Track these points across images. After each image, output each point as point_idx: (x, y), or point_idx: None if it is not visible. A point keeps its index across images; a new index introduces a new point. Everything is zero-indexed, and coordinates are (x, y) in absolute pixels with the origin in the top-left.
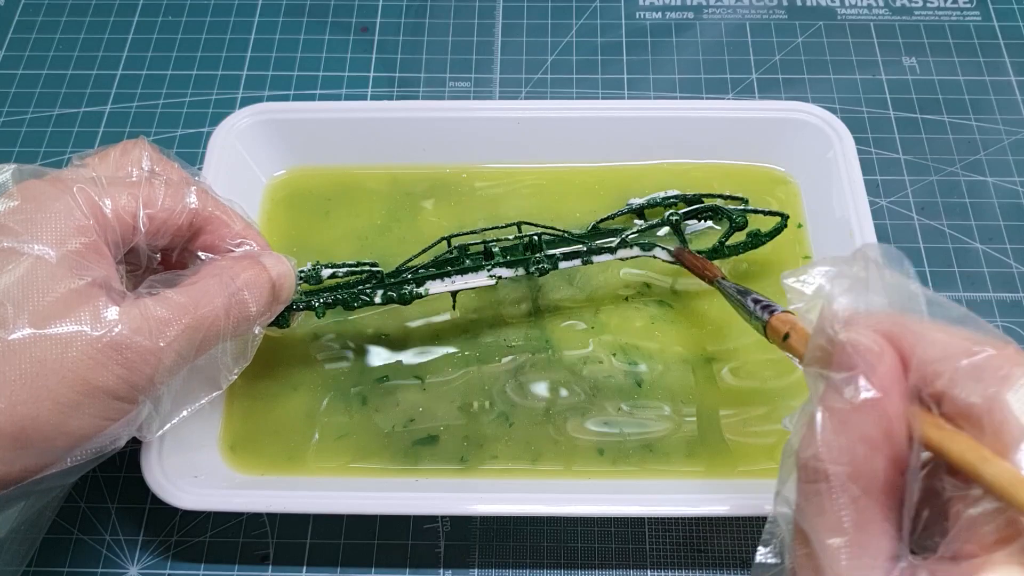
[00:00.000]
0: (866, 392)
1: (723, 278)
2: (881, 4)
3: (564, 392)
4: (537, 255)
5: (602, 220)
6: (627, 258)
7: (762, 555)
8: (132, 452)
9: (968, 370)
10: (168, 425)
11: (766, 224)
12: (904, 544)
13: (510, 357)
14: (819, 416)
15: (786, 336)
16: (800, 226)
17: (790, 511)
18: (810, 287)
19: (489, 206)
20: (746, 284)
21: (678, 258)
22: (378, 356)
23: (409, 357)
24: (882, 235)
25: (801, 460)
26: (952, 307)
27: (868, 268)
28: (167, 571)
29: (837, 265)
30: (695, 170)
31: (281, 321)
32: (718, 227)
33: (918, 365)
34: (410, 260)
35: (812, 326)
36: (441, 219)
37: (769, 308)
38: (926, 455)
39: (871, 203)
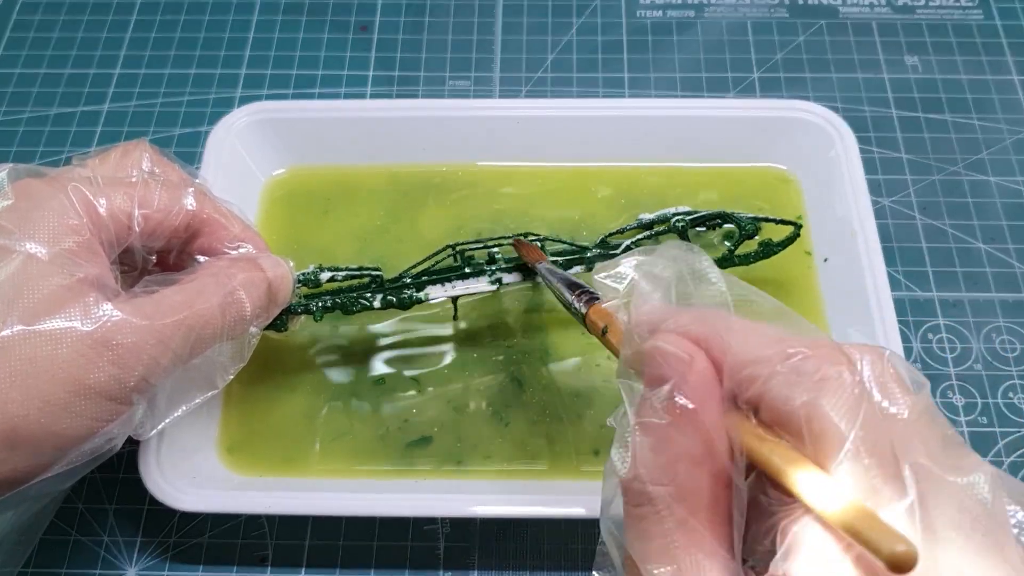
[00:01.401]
0: (680, 403)
1: (549, 263)
2: (883, 2)
3: (561, 394)
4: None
5: (611, 234)
6: None
7: None
8: (130, 453)
9: (783, 375)
10: (163, 424)
11: (777, 233)
12: (737, 563)
13: (507, 359)
14: (636, 435)
15: (604, 330)
16: (801, 225)
17: (619, 534)
18: (622, 283)
19: (489, 205)
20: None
21: (515, 246)
22: (375, 358)
23: (406, 359)
24: (884, 234)
25: (623, 483)
26: (764, 300)
27: (670, 267)
28: (165, 572)
29: (644, 260)
30: (696, 169)
31: (279, 324)
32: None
33: (732, 370)
34: (412, 267)
35: (626, 326)
36: (441, 218)
37: (589, 299)
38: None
39: (873, 202)
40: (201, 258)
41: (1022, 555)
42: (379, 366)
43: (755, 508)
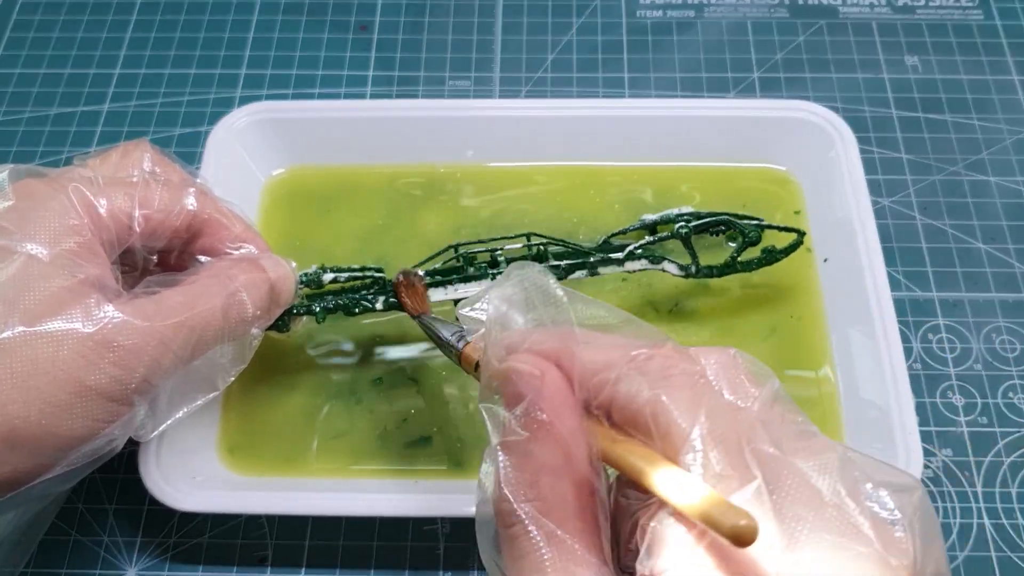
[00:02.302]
0: (536, 417)
1: (426, 315)
2: (883, 2)
3: None
4: (543, 265)
5: (613, 235)
6: (635, 271)
7: None
8: (130, 453)
9: (629, 375)
10: (164, 426)
11: (780, 239)
12: (610, 569)
13: None
14: (499, 456)
15: (476, 365)
16: (804, 233)
17: (498, 559)
18: (484, 314)
19: (489, 205)
20: (747, 282)
21: (396, 288)
22: (375, 357)
23: (405, 359)
24: (884, 235)
25: (496, 504)
26: (612, 313)
27: (519, 289)
28: (165, 573)
29: (500, 288)
30: (696, 169)
31: (281, 325)
32: (732, 243)
33: (581, 379)
34: (414, 267)
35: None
36: (441, 218)
37: (463, 337)
38: (614, 473)
39: (873, 202)
40: (202, 258)
41: (876, 528)
42: (378, 365)
43: (620, 510)
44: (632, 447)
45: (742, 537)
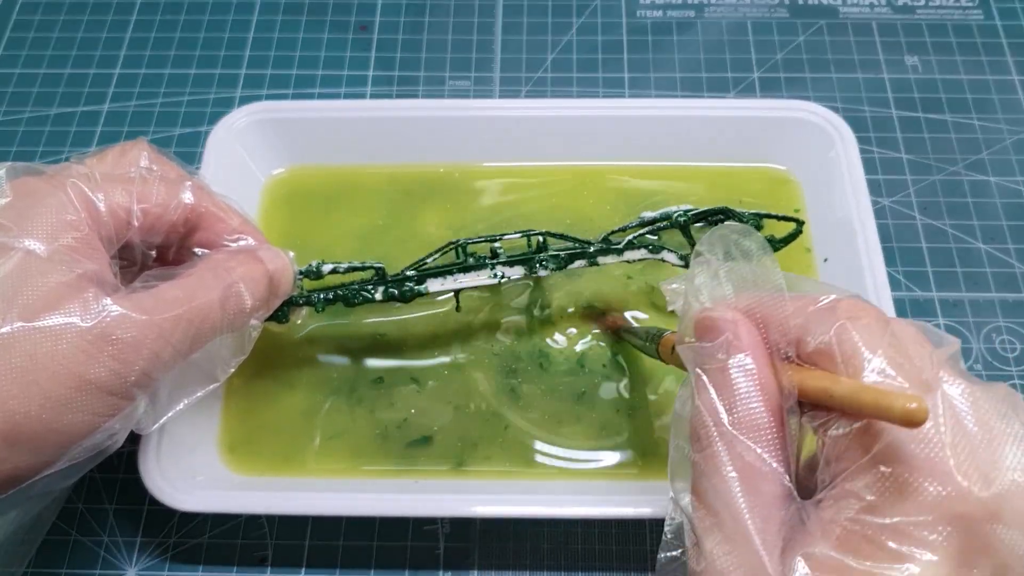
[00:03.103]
0: (734, 350)
1: (626, 325)
2: (883, 3)
3: (561, 394)
4: (542, 255)
5: (613, 232)
6: (634, 260)
7: (664, 552)
8: (130, 453)
9: (817, 314)
10: (165, 418)
11: (779, 229)
12: (794, 485)
13: (508, 359)
14: (702, 378)
15: (673, 349)
16: (803, 222)
17: (685, 481)
18: (681, 285)
19: (489, 205)
20: None
21: (601, 325)
22: (375, 357)
23: (406, 358)
24: (884, 234)
25: (690, 425)
26: (809, 281)
27: (719, 247)
28: (165, 572)
29: (699, 251)
30: (696, 169)
31: (281, 316)
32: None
33: (775, 325)
34: (414, 264)
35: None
36: (441, 218)
37: (661, 332)
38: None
39: (873, 202)
40: (200, 251)
41: None
42: (378, 365)
43: (803, 434)
44: (818, 374)
45: (913, 418)
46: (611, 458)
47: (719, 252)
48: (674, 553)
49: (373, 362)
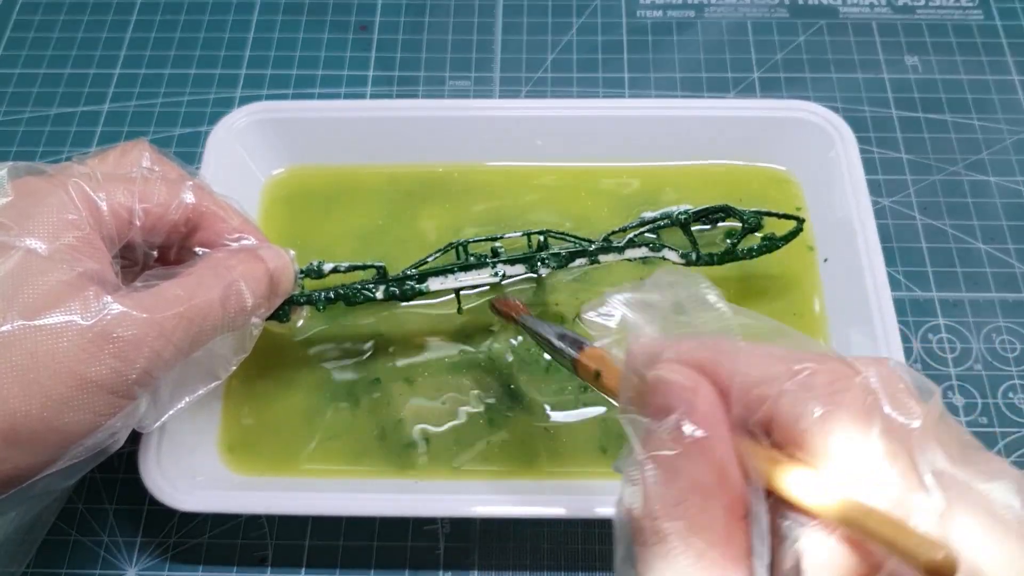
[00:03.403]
0: (688, 432)
1: (527, 315)
2: (883, 3)
3: (562, 394)
4: (543, 253)
5: (614, 232)
6: (635, 259)
7: None
8: (130, 453)
9: (793, 392)
10: (167, 416)
11: (780, 227)
12: None
13: (506, 359)
14: (645, 470)
15: (597, 374)
16: (804, 219)
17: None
18: (613, 320)
19: (489, 205)
20: (748, 282)
21: (493, 306)
22: (375, 358)
23: (405, 358)
24: (884, 235)
25: (634, 522)
26: (763, 321)
27: (666, 294)
28: (165, 573)
29: (634, 293)
30: (696, 169)
31: (282, 315)
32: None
33: (739, 393)
34: (415, 265)
35: (622, 363)
36: (441, 219)
37: (577, 344)
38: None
39: (873, 202)
40: (201, 250)
41: None
42: (378, 366)
43: (777, 533)
44: (795, 468)
45: (942, 571)
46: (612, 458)
47: (667, 293)
48: None
49: (372, 363)
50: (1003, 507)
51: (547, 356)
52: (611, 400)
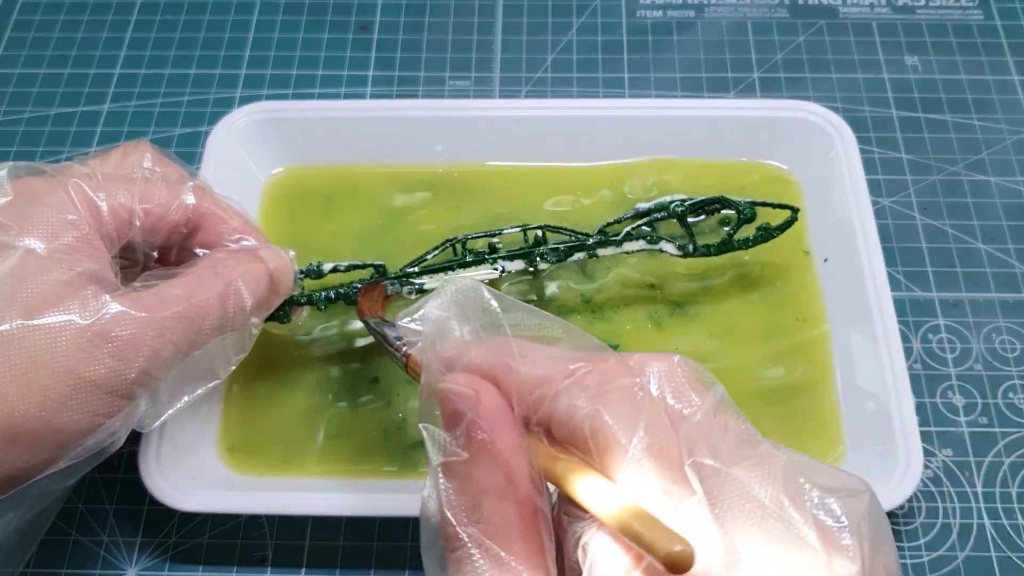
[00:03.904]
0: (475, 438)
1: (374, 317)
2: (883, 3)
3: None
4: (542, 248)
5: (609, 224)
6: (633, 251)
7: None
8: (130, 453)
9: (567, 391)
10: (166, 416)
11: (775, 218)
12: None
13: None
14: (440, 479)
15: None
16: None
17: None
18: (425, 324)
19: (489, 205)
20: (747, 283)
21: (360, 296)
22: (375, 358)
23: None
24: (884, 235)
25: (437, 528)
26: (553, 323)
27: (452, 300)
28: (165, 573)
29: (435, 302)
30: (696, 169)
31: (282, 316)
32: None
33: (520, 395)
34: (414, 262)
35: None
36: (441, 218)
37: (407, 345)
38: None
39: (873, 202)
40: (201, 251)
41: (823, 537)
42: (378, 366)
43: (563, 528)
44: (571, 464)
45: (678, 564)
46: None
47: (450, 297)
48: None
49: (372, 363)
50: (766, 491)
51: None
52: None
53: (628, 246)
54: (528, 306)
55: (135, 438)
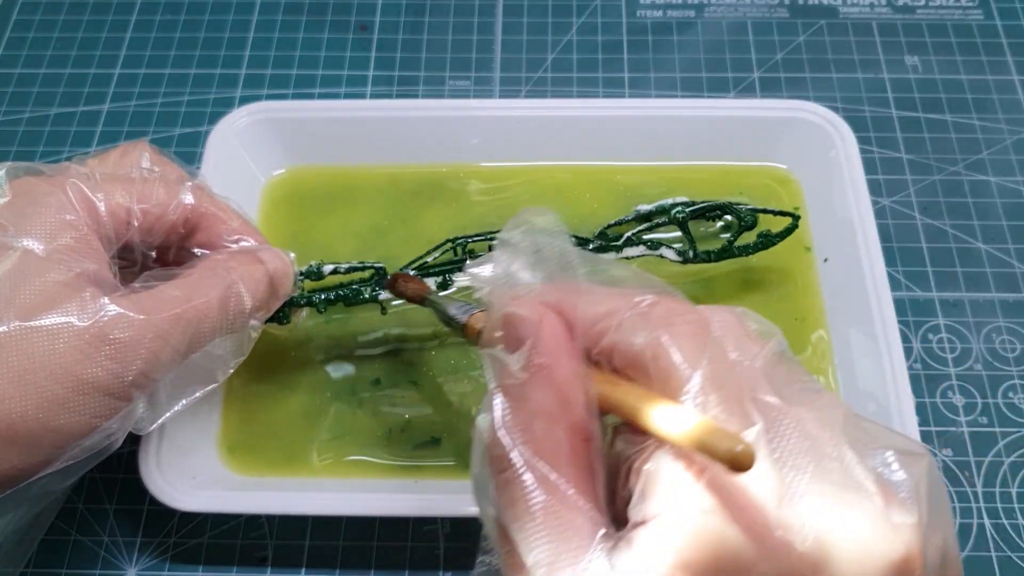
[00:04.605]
0: (533, 361)
1: (431, 295)
2: (883, 2)
3: None
4: None
5: (609, 226)
6: (633, 257)
7: (480, 564)
8: (130, 453)
9: (632, 320)
10: (163, 418)
11: (776, 224)
12: (605, 517)
13: None
14: (495, 399)
15: (480, 334)
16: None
17: (493, 508)
18: (488, 271)
19: (489, 205)
20: (748, 283)
21: (390, 287)
22: (375, 358)
23: (405, 359)
24: (884, 235)
25: (487, 450)
26: (621, 268)
27: (528, 237)
28: (165, 573)
29: (505, 239)
30: (696, 169)
31: (282, 317)
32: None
33: (584, 326)
34: (413, 262)
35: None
36: (441, 218)
37: (468, 310)
38: (615, 421)
39: (873, 202)
40: (200, 252)
41: (880, 487)
42: (378, 366)
43: (616, 459)
44: (630, 389)
45: (738, 461)
46: None
47: (525, 237)
48: (483, 570)
49: (372, 363)
50: (825, 434)
51: None
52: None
53: (628, 252)
54: (598, 256)
55: (135, 438)
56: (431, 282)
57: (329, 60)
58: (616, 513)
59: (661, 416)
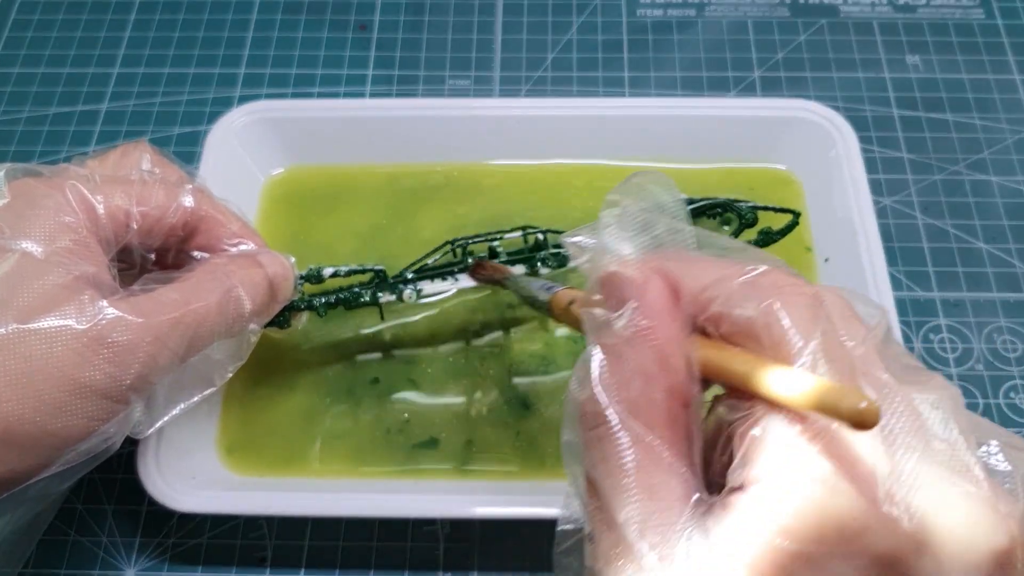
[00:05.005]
0: (636, 322)
1: (512, 276)
2: (884, 1)
3: (563, 393)
4: (542, 252)
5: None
6: None
7: (562, 524)
8: (129, 454)
9: (742, 287)
10: (161, 422)
11: (777, 222)
12: (699, 481)
13: (510, 359)
14: (593, 355)
15: (570, 303)
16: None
17: (580, 465)
18: (589, 242)
19: (489, 205)
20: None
21: (473, 274)
22: (374, 359)
23: (405, 359)
24: (885, 234)
25: (581, 406)
26: (730, 242)
27: (638, 202)
28: (164, 573)
29: (612, 204)
30: (696, 169)
31: (282, 321)
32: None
33: (691, 292)
34: (413, 264)
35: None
36: (441, 218)
37: (551, 288)
38: (717, 392)
39: (874, 202)
40: (199, 255)
41: (986, 473)
42: (378, 367)
43: (715, 427)
44: (739, 354)
45: (863, 417)
46: None
47: (635, 203)
48: (569, 528)
49: (372, 364)
50: (935, 415)
51: (571, 356)
52: (576, 329)
53: None
54: (706, 231)
55: (134, 439)
56: (431, 286)
57: (328, 59)
58: (709, 482)
59: (778, 379)
